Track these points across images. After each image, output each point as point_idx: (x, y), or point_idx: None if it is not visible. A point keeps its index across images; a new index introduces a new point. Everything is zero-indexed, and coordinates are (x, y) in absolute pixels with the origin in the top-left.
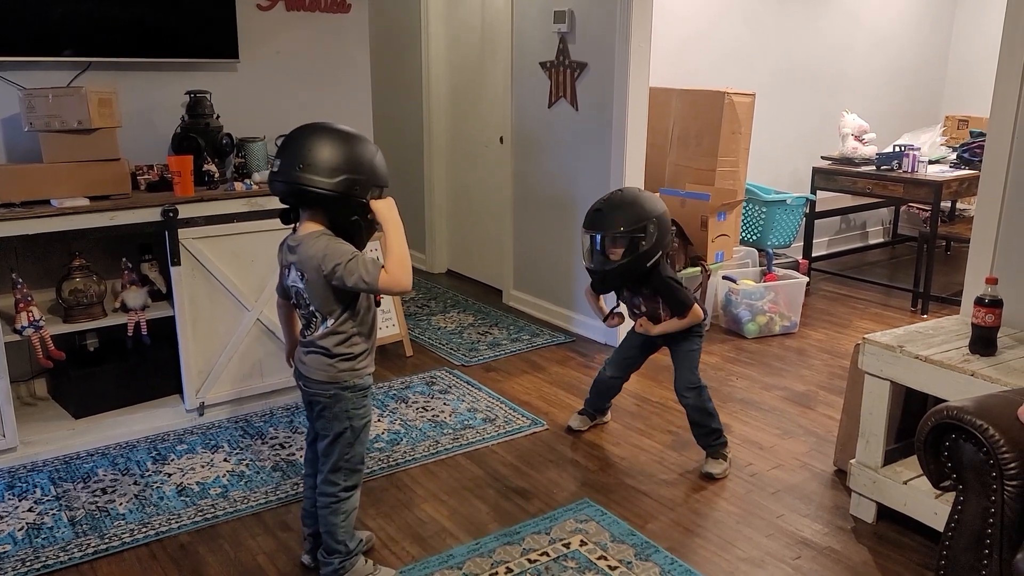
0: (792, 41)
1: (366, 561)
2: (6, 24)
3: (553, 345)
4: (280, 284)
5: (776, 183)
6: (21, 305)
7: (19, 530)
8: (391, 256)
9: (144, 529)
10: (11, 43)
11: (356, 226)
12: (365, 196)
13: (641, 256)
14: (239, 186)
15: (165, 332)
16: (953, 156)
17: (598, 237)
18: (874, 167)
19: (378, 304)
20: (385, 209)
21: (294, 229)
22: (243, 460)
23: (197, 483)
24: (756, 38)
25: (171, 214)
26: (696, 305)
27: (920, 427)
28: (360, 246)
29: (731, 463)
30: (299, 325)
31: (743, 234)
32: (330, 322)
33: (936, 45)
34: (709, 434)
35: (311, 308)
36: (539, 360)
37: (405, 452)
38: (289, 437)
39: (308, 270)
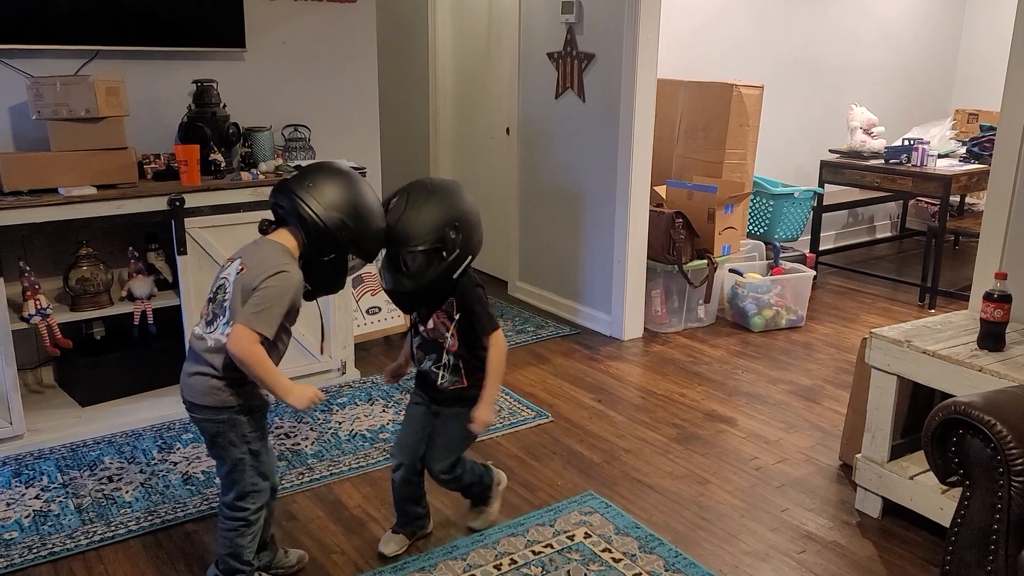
0: (800, 33)
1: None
2: (14, 12)
3: (558, 337)
4: None
5: (782, 176)
6: (28, 293)
7: (26, 517)
8: (266, 367)
9: (150, 517)
10: (19, 31)
11: (323, 267)
12: (347, 246)
13: (448, 268)
14: (245, 175)
15: (171, 321)
16: (963, 150)
17: (391, 256)
18: (882, 161)
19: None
20: (299, 396)
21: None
22: None
23: (203, 472)
24: (763, 30)
25: (177, 203)
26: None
27: (927, 422)
28: (318, 289)
29: (497, 508)
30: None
31: (750, 227)
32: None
33: (946, 37)
34: (480, 493)
35: (226, 304)
36: (544, 352)
37: None
38: (294, 427)
39: (251, 268)
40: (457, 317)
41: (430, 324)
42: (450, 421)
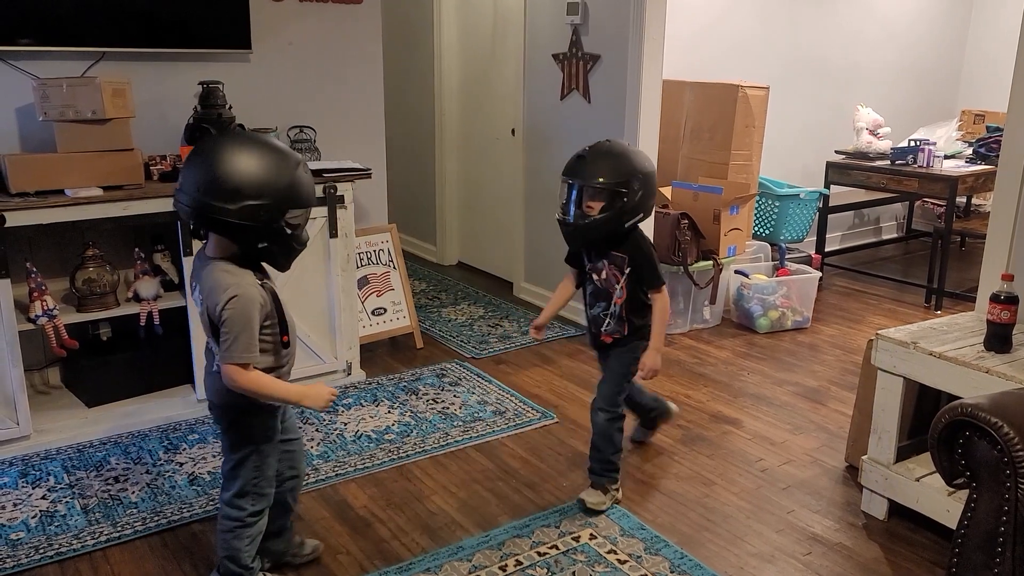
0: (805, 33)
1: None
2: (20, 13)
3: (563, 338)
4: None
5: (788, 177)
6: (35, 294)
7: (32, 517)
8: (269, 386)
9: (156, 518)
10: (25, 32)
11: (267, 253)
12: (276, 220)
13: (621, 213)
14: None
15: (177, 322)
16: (969, 151)
17: (575, 187)
18: (888, 162)
19: (285, 346)
20: (315, 397)
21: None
22: None
23: (208, 472)
24: (768, 30)
25: None
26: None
27: (934, 424)
28: (281, 267)
29: (612, 501)
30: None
31: (756, 228)
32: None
33: (953, 38)
34: (604, 463)
35: (208, 329)
36: (549, 353)
37: (415, 444)
38: (300, 428)
39: (207, 297)
40: (627, 271)
41: (603, 275)
42: (612, 360)
